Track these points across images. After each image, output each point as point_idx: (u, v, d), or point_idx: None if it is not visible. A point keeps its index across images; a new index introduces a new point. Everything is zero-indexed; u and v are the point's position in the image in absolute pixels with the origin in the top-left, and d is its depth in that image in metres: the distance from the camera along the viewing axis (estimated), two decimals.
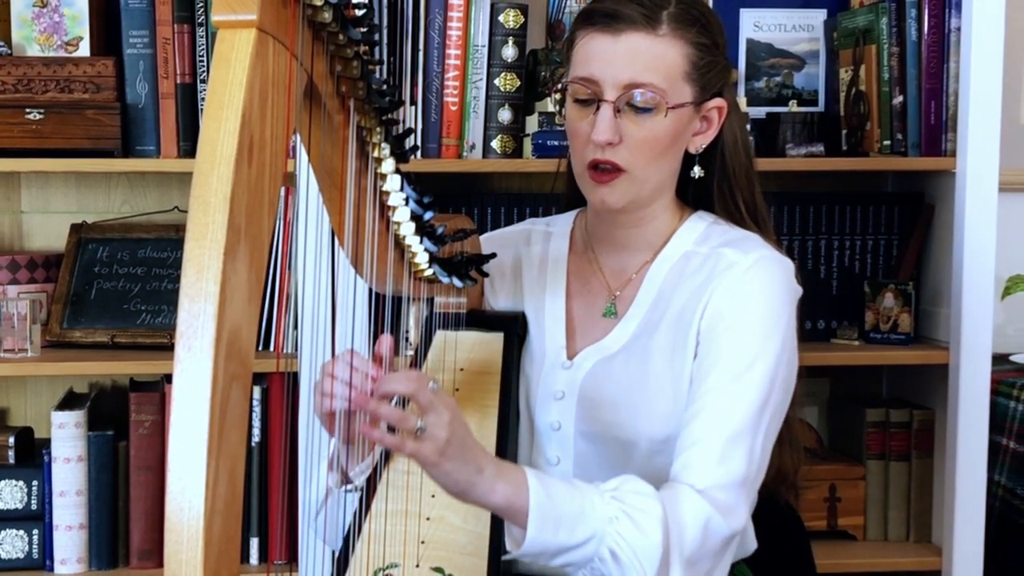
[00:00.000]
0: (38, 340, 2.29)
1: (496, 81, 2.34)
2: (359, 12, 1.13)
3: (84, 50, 2.34)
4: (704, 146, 1.64)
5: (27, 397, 2.56)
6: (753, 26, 2.58)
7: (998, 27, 2.30)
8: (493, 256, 1.61)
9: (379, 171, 1.32)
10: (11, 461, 2.35)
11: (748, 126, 1.90)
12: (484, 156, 2.34)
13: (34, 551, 2.32)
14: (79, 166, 2.31)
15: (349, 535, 1.49)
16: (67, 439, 2.29)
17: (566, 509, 1.38)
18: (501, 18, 2.33)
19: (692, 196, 1.69)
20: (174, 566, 0.93)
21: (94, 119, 2.29)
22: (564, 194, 1.79)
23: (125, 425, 2.32)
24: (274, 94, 1.01)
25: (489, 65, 2.34)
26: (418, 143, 2.30)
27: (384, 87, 1.24)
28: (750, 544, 1.67)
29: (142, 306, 2.37)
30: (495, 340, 1.66)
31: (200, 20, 2.31)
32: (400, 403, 1.36)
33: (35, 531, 2.32)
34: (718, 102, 1.62)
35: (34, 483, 2.32)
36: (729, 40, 1.71)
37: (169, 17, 2.31)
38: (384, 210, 1.37)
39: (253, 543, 2.35)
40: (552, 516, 1.37)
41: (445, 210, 2.17)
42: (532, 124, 2.37)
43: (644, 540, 1.39)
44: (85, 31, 2.35)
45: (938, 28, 2.37)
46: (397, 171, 1.33)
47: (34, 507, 2.32)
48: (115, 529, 2.33)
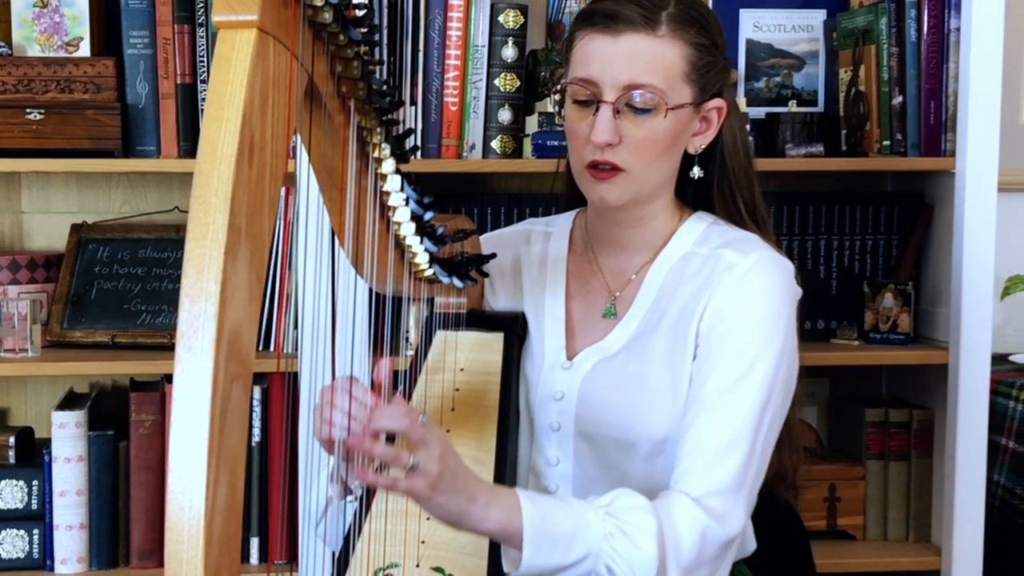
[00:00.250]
0: (38, 340, 2.30)
1: (496, 81, 2.34)
2: (359, 12, 1.13)
3: (84, 50, 2.34)
4: (703, 146, 1.63)
5: (27, 397, 2.56)
6: (753, 26, 2.58)
7: (997, 27, 2.30)
8: (493, 256, 1.62)
9: (379, 171, 1.32)
10: (11, 461, 2.35)
11: (747, 126, 1.90)
12: (484, 156, 2.35)
13: (34, 551, 2.32)
14: (79, 166, 2.31)
15: (349, 535, 1.49)
16: (67, 439, 2.29)
17: (561, 529, 1.38)
18: (501, 18, 2.33)
19: (692, 196, 1.69)
20: (175, 565, 0.93)
21: (94, 119, 2.29)
22: (564, 194, 1.78)
23: (125, 425, 2.32)
24: (275, 94, 1.01)
25: (489, 65, 2.34)
26: (418, 143, 2.30)
27: (384, 87, 1.24)
28: (750, 544, 1.67)
29: (142, 306, 2.37)
30: (495, 340, 1.66)
31: (200, 20, 2.32)
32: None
33: (35, 531, 2.32)
34: (717, 102, 1.62)
35: (34, 483, 2.32)
36: (729, 40, 1.71)
37: (169, 17, 2.31)
38: (384, 210, 1.37)
39: (253, 543, 2.35)
40: (547, 537, 1.37)
41: (445, 210, 2.16)
42: (532, 124, 2.37)
43: (639, 555, 1.39)
44: (85, 31, 2.35)
45: (937, 28, 2.37)
46: (397, 171, 1.33)
47: (34, 507, 2.32)
48: (115, 529, 2.33)
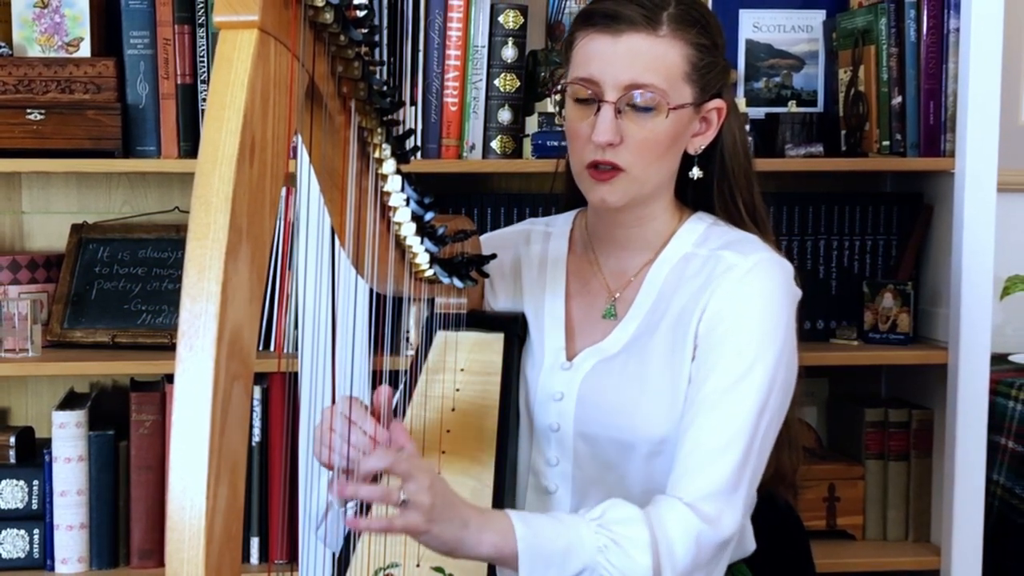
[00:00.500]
0: (39, 340, 2.30)
1: (496, 82, 2.34)
2: (360, 13, 1.13)
3: (85, 51, 2.34)
4: (703, 147, 1.63)
5: (28, 397, 2.56)
6: (752, 27, 2.58)
7: (997, 28, 2.30)
8: (493, 257, 1.62)
9: (380, 172, 1.32)
10: (12, 461, 2.35)
11: (747, 127, 1.91)
12: (484, 156, 2.35)
13: (35, 551, 2.32)
14: (80, 166, 2.31)
15: (350, 534, 1.49)
16: (68, 439, 2.29)
17: (555, 546, 1.39)
18: (501, 19, 2.33)
19: (691, 197, 1.69)
20: (175, 565, 0.93)
21: (95, 119, 2.29)
22: (563, 194, 1.78)
23: (126, 425, 2.32)
24: (276, 95, 1.01)
25: (489, 66, 2.34)
26: (418, 144, 2.30)
27: (385, 88, 1.24)
28: (749, 544, 1.67)
29: (143, 306, 2.37)
30: (496, 341, 1.66)
31: (200, 21, 2.32)
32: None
33: (36, 531, 2.32)
34: (717, 103, 1.62)
35: (35, 483, 2.32)
36: (728, 41, 1.71)
37: (170, 18, 2.31)
38: (385, 211, 1.37)
39: (254, 543, 2.36)
40: (542, 556, 1.38)
41: (445, 211, 2.17)
42: (532, 125, 2.37)
43: (634, 566, 1.41)
44: (86, 32, 2.35)
45: (937, 29, 2.37)
46: (398, 172, 1.33)
47: (35, 507, 2.32)
48: (116, 529, 2.33)
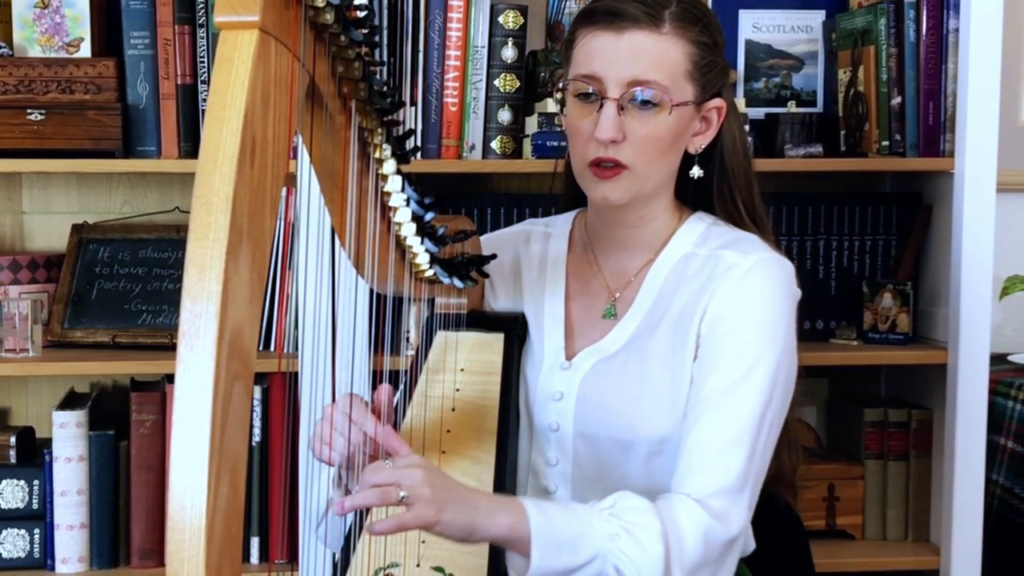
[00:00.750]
0: (39, 340, 2.30)
1: (496, 82, 2.34)
2: (360, 13, 1.14)
3: (85, 51, 2.34)
4: (703, 146, 1.64)
5: (28, 397, 2.56)
6: (752, 27, 2.59)
7: (996, 28, 2.30)
8: (494, 257, 1.62)
9: (380, 172, 1.32)
10: (12, 461, 2.35)
11: (747, 127, 1.91)
12: (484, 157, 2.35)
13: (35, 550, 2.33)
14: (80, 167, 2.31)
15: (350, 534, 1.49)
16: (68, 439, 2.29)
17: (567, 532, 1.39)
18: (501, 19, 2.33)
19: (691, 197, 1.69)
20: (176, 564, 0.93)
21: (95, 120, 2.29)
22: (563, 194, 1.79)
23: (126, 425, 2.32)
24: (276, 95, 1.01)
25: (489, 66, 2.34)
26: (418, 144, 2.30)
27: (385, 88, 1.25)
28: (749, 544, 1.67)
29: (143, 306, 2.38)
30: (496, 341, 1.66)
31: (201, 21, 2.32)
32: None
33: (36, 530, 2.32)
34: (717, 102, 1.62)
35: (35, 483, 2.32)
36: (728, 41, 1.71)
37: (170, 18, 2.31)
38: (385, 211, 1.37)
39: (254, 542, 2.36)
40: (555, 540, 1.38)
41: (445, 211, 2.17)
42: (532, 125, 2.37)
43: (645, 554, 1.41)
44: (86, 32, 2.35)
45: (936, 29, 2.37)
46: (398, 172, 1.33)
47: (35, 507, 2.32)
48: (116, 528, 2.33)
